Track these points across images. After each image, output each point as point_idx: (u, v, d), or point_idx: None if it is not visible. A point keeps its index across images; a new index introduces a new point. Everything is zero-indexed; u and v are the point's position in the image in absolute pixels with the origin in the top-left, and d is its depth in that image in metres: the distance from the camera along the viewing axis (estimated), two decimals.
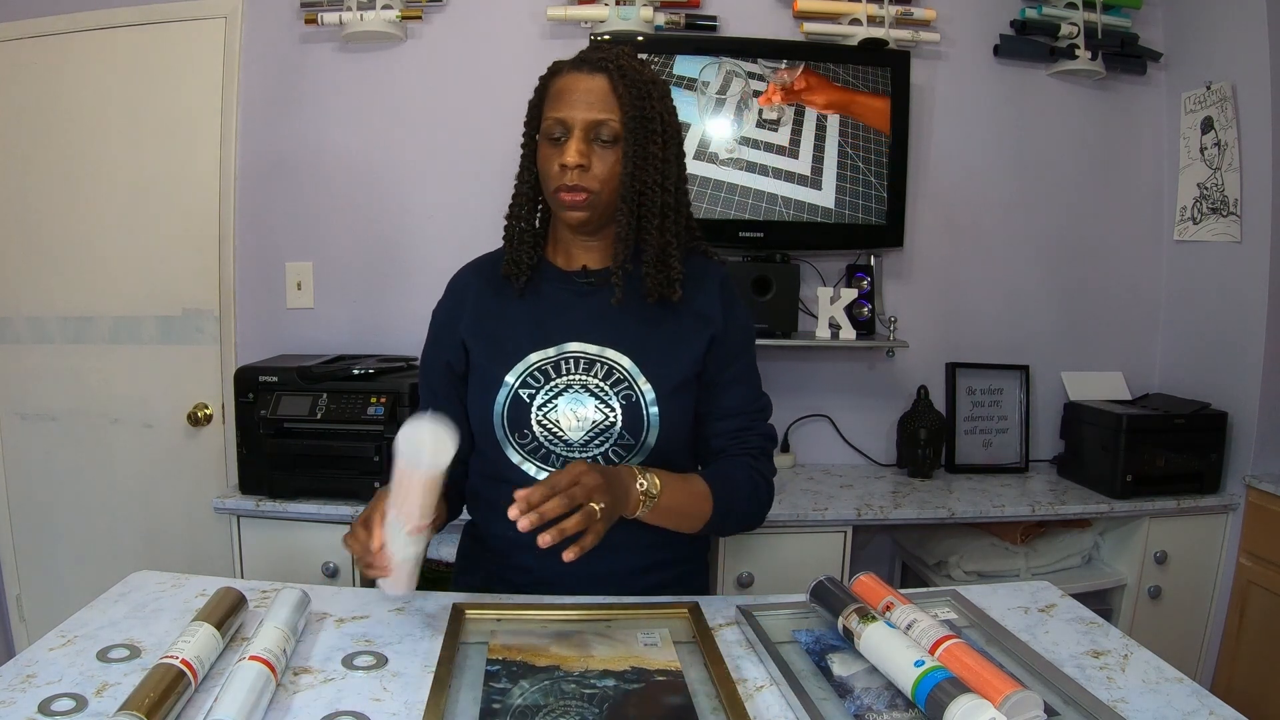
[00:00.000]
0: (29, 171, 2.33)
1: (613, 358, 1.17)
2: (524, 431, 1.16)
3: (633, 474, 1.07)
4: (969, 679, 0.85)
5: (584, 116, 1.12)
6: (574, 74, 1.14)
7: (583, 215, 1.15)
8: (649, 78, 1.16)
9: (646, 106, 1.13)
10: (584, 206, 1.14)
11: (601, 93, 1.12)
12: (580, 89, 1.12)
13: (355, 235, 2.35)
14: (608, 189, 1.14)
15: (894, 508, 2.07)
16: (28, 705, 0.85)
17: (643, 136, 1.13)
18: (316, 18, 2.21)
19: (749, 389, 1.25)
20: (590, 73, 1.13)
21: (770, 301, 2.22)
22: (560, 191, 1.13)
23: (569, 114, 1.12)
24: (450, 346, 1.24)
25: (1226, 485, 2.25)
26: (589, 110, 1.12)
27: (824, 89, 2.25)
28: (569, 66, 1.16)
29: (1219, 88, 2.27)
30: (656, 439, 1.16)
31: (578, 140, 1.12)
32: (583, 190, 1.13)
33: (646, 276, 1.17)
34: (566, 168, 1.11)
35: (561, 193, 1.13)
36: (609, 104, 1.12)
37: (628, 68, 1.13)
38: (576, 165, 1.11)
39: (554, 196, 1.15)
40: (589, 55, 1.15)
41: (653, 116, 1.14)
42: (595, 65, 1.13)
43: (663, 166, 1.16)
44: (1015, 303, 2.52)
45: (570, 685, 0.91)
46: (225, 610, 0.99)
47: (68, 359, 2.37)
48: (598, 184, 1.13)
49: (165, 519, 2.38)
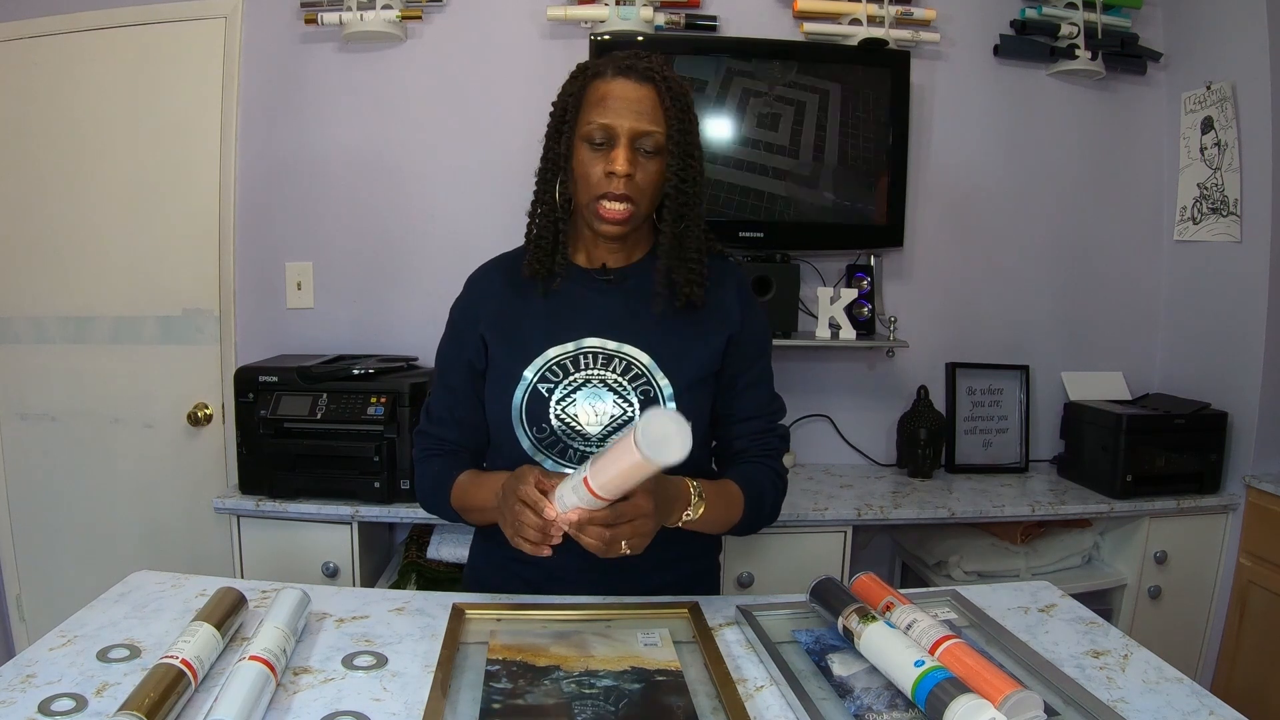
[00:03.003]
0: (29, 171, 2.33)
1: (631, 353, 1.18)
2: (542, 425, 1.17)
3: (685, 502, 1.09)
4: (969, 679, 0.85)
5: (632, 126, 1.12)
6: (621, 81, 1.14)
7: (622, 229, 1.16)
8: (688, 90, 1.18)
9: (688, 120, 1.16)
10: (626, 219, 1.15)
11: (649, 104, 1.13)
12: (629, 97, 1.13)
13: (355, 235, 2.35)
14: (646, 200, 1.16)
15: (894, 508, 2.07)
16: (28, 705, 0.85)
17: (685, 150, 1.15)
18: (316, 18, 2.21)
19: (767, 391, 1.29)
20: (638, 82, 1.13)
21: (770, 301, 2.22)
22: (604, 199, 1.14)
23: (616, 121, 1.12)
24: (471, 344, 1.25)
25: (1226, 485, 2.24)
26: (637, 120, 1.12)
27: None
28: (614, 71, 1.15)
29: (1219, 88, 2.27)
30: None
31: (626, 149, 1.12)
32: (628, 200, 1.14)
33: (678, 281, 1.19)
34: (614, 175, 1.12)
35: (605, 200, 1.14)
36: (656, 116, 1.13)
37: (673, 80, 1.15)
38: (626, 174, 1.12)
39: (594, 202, 1.15)
40: (635, 64, 1.15)
41: (691, 130, 1.16)
42: (643, 75, 1.14)
43: (699, 179, 1.19)
44: (1015, 303, 2.52)
45: (570, 685, 0.91)
46: (225, 610, 0.99)
47: (68, 359, 2.37)
48: (638, 193, 1.14)
49: (165, 519, 2.38)
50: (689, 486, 1.11)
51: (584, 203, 1.17)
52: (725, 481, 1.20)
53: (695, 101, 1.21)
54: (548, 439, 1.17)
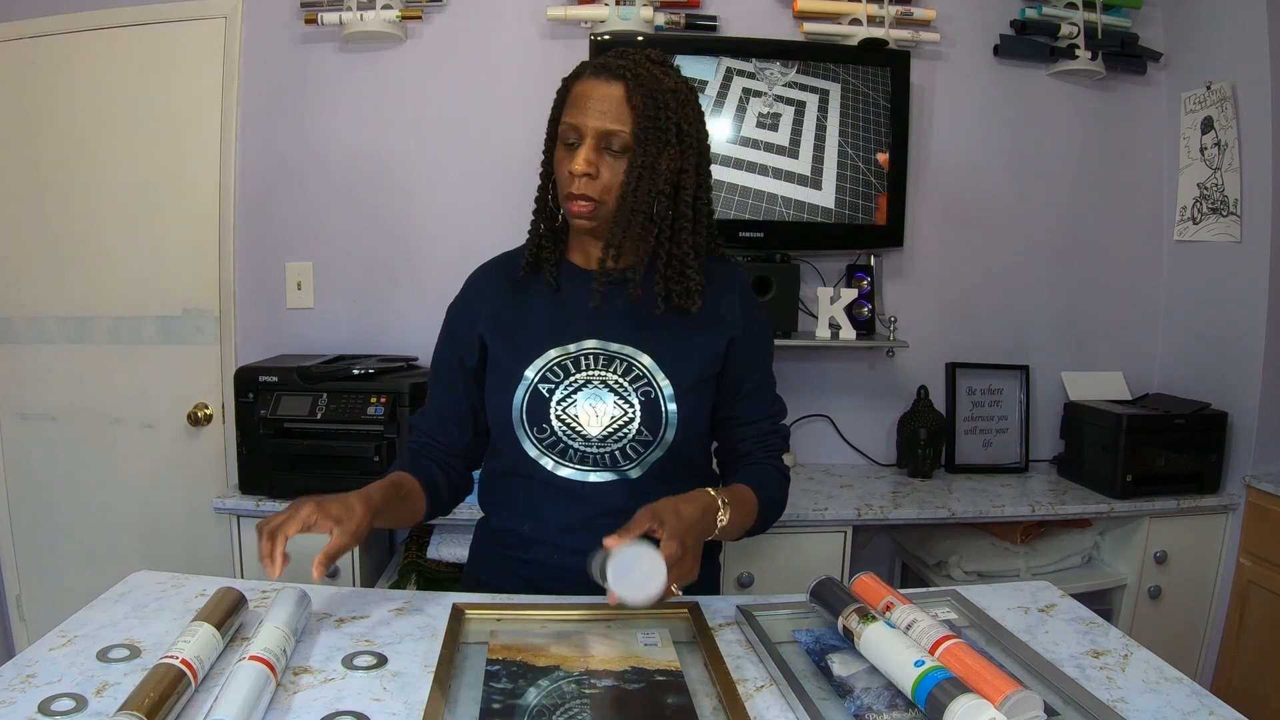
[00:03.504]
0: (29, 171, 2.33)
1: (631, 354, 1.18)
2: (543, 426, 1.17)
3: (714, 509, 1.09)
4: (969, 679, 0.85)
5: (596, 125, 1.12)
6: (592, 80, 1.13)
7: (589, 224, 1.17)
8: (668, 86, 1.14)
9: (660, 117, 1.12)
10: (589, 216, 1.15)
11: (615, 101, 1.12)
12: (596, 96, 1.12)
13: (355, 235, 2.35)
14: (612, 198, 1.14)
15: (894, 508, 2.07)
16: (28, 705, 0.85)
17: (654, 148, 1.13)
18: (316, 18, 2.21)
19: (771, 394, 1.30)
20: (608, 80, 1.13)
21: (770, 301, 2.22)
22: (569, 199, 1.15)
23: (582, 121, 1.12)
24: (464, 342, 1.25)
25: (1226, 485, 2.25)
26: (601, 119, 1.12)
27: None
28: (589, 71, 1.15)
29: (1219, 88, 2.27)
30: (675, 435, 1.17)
31: (588, 149, 1.12)
32: (588, 199, 1.13)
33: (660, 285, 1.18)
34: (574, 175, 1.12)
35: (570, 200, 1.15)
36: (621, 114, 1.12)
37: (645, 76, 1.12)
38: (584, 174, 1.12)
39: (564, 201, 1.17)
40: (610, 61, 1.14)
41: (667, 127, 1.13)
42: (613, 73, 1.13)
43: (675, 177, 1.16)
44: (1015, 303, 2.52)
45: (570, 685, 0.91)
46: (225, 610, 0.99)
47: (68, 359, 2.37)
48: (601, 193, 1.14)
49: (165, 519, 2.38)
50: (712, 495, 1.11)
51: (561, 200, 1.18)
52: (738, 486, 1.20)
53: None
54: (548, 439, 1.17)
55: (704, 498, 1.09)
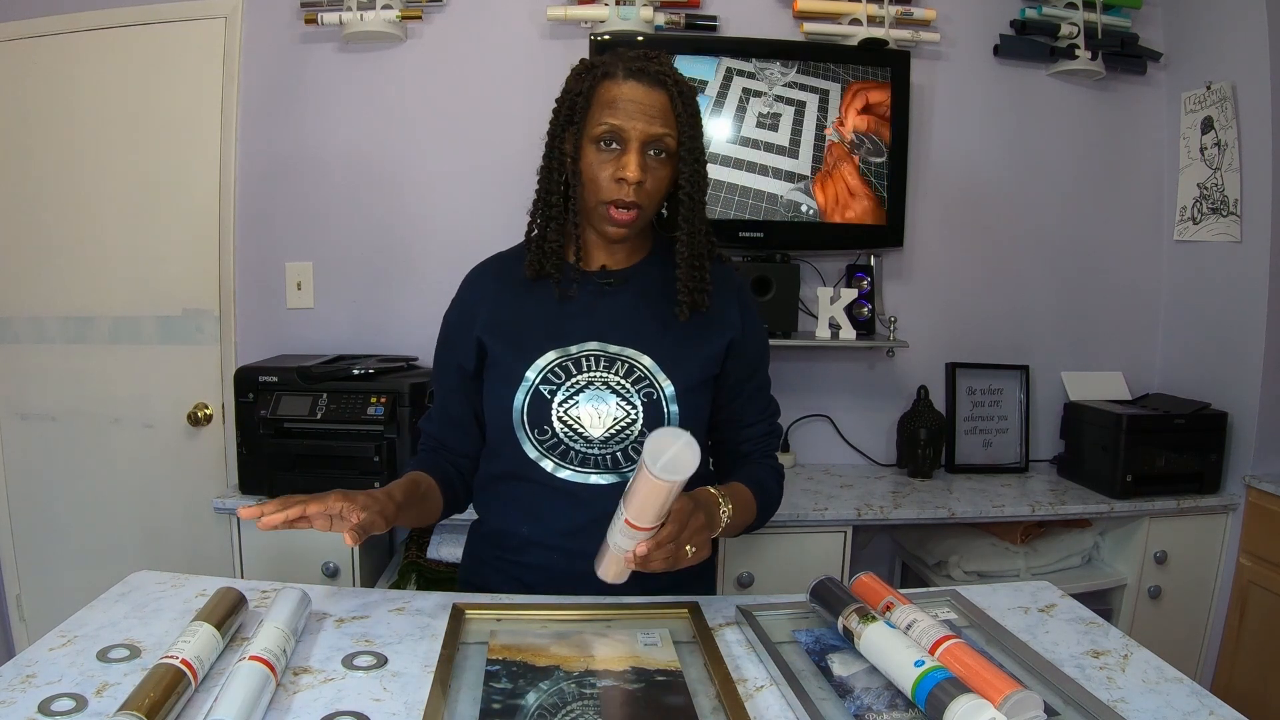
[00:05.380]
0: (29, 171, 2.33)
1: (633, 356, 1.18)
2: (544, 428, 1.17)
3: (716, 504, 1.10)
4: (969, 679, 0.85)
5: (644, 130, 1.11)
6: (634, 83, 1.12)
7: (628, 232, 1.17)
8: (695, 94, 1.18)
9: (696, 126, 1.16)
10: (633, 224, 1.15)
11: (662, 108, 1.12)
12: (641, 101, 1.12)
13: (355, 235, 2.35)
14: (653, 204, 1.16)
15: (894, 508, 2.07)
16: (28, 705, 0.85)
17: (695, 156, 1.16)
18: (316, 18, 2.21)
19: (768, 394, 1.32)
20: (650, 86, 1.12)
21: (770, 301, 2.22)
22: (613, 205, 1.14)
23: (628, 124, 1.11)
24: (462, 348, 1.25)
25: (1226, 485, 2.25)
26: (650, 124, 1.11)
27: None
28: (625, 73, 1.13)
29: (1219, 88, 2.27)
30: None
31: (638, 154, 1.12)
32: (636, 207, 1.13)
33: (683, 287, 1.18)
34: (625, 181, 1.11)
35: (614, 206, 1.14)
36: (668, 121, 1.13)
37: (683, 85, 1.15)
38: (637, 181, 1.11)
39: (602, 206, 1.15)
40: (646, 66, 1.13)
41: (699, 135, 1.17)
42: (655, 79, 1.13)
43: (705, 184, 1.19)
44: (1015, 303, 2.52)
45: (570, 685, 0.91)
46: (225, 610, 0.99)
47: (68, 359, 2.37)
48: (647, 200, 1.14)
49: (165, 519, 2.38)
50: (713, 491, 1.12)
51: (591, 205, 1.16)
52: (736, 485, 1.20)
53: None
54: (549, 441, 1.17)
55: (706, 495, 1.10)
